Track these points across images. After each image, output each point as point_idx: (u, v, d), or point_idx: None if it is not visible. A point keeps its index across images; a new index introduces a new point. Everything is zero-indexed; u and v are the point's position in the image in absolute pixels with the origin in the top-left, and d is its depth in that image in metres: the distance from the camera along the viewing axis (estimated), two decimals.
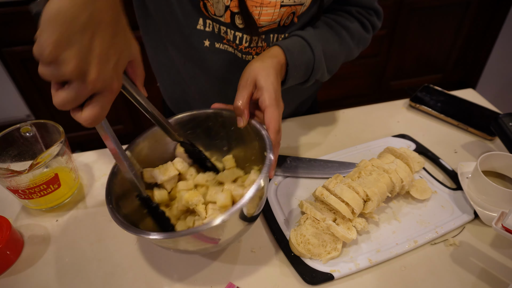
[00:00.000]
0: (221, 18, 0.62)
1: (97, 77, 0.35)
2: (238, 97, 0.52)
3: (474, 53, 2.20)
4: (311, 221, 0.57)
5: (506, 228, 0.49)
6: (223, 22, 0.62)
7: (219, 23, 0.63)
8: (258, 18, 0.61)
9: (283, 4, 0.60)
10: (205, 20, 0.63)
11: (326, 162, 0.71)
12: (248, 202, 0.43)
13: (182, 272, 0.54)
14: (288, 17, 0.63)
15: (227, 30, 0.63)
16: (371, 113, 0.86)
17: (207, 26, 0.64)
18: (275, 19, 0.62)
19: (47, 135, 0.64)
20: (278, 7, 0.60)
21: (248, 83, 0.53)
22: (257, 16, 0.61)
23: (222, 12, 0.61)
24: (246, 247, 0.58)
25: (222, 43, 0.66)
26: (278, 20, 0.63)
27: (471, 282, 0.52)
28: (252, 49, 0.66)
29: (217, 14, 0.61)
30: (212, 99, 0.75)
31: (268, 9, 0.60)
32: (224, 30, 0.64)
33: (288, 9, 0.61)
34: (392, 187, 0.61)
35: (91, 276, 0.54)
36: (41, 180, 0.59)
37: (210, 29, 0.64)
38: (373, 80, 2.16)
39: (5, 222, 0.57)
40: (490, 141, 0.78)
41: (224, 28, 0.63)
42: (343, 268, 0.53)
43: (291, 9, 0.62)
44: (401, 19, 1.89)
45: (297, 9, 0.62)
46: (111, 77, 0.37)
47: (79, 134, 1.85)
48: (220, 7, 0.60)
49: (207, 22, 0.63)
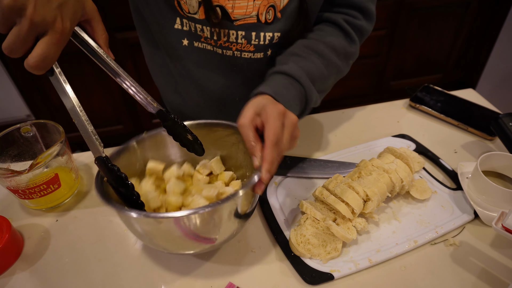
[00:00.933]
0: (195, 16, 0.61)
1: (34, 11, 0.36)
2: (247, 138, 0.49)
3: (474, 53, 2.20)
4: (311, 221, 0.57)
5: (506, 228, 0.49)
6: (198, 20, 0.62)
7: (194, 21, 0.62)
8: (232, 11, 0.60)
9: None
10: (182, 19, 0.63)
11: (326, 162, 0.71)
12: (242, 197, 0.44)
13: (182, 272, 0.54)
14: (268, 11, 0.61)
15: (203, 27, 0.63)
16: (371, 113, 0.86)
17: (184, 25, 0.63)
18: (250, 12, 0.60)
19: (47, 135, 0.64)
20: (251, 0, 0.59)
21: (251, 123, 0.49)
22: (231, 10, 0.60)
23: (196, 9, 0.60)
24: (246, 247, 0.58)
25: (200, 41, 0.65)
26: (255, 14, 0.61)
27: (471, 282, 0.52)
28: (232, 45, 0.64)
29: (191, 11, 0.61)
30: (198, 100, 0.75)
31: (241, 2, 0.59)
32: (200, 28, 0.63)
33: (264, 1, 0.59)
34: (392, 187, 0.61)
35: (91, 276, 0.54)
36: (41, 180, 0.59)
37: (187, 28, 0.64)
38: (373, 80, 2.16)
39: (5, 222, 0.57)
40: (490, 141, 0.78)
41: (200, 26, 0.62)
42: (343, 268, 0.53)
43: (267, 2, 0.60)
44: (401, 19, 1.89)
45: (275, 2, 0.60)
46: (53, 15, 0.37)
47: (79, 134, 1.85)
48: (194, 3, 0.60)
49: (183, 21, 0.63)
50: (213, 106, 0.76)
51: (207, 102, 0.75)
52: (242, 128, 0.49)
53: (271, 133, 0.47)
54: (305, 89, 0.59)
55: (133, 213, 0.42)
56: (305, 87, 0.59)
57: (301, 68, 0.59)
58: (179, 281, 0.53)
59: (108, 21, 1.53)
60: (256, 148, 0.48)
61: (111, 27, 1.54)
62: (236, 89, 0.72)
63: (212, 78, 0.71)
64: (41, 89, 1.68)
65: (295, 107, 0.57)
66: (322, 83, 0.64)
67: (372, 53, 2.00)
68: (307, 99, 0.60)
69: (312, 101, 0.61)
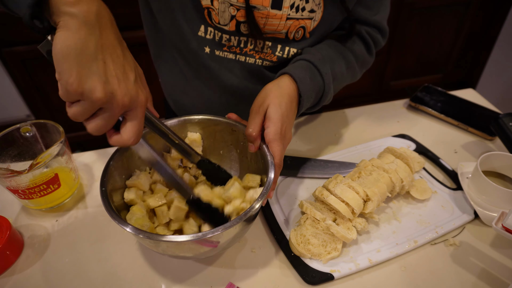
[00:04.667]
0: (225, 27, 0.62)
1: (124, 94, 0.37)
2: (251, 125, 0.53)
3: (474, 53, 2.20)
4: (311, 221, 0.57)
5: (506, 228, 0.49)
6: (226, 30, 0.63)
7: (221, 31, 0.63)
8: (263, 27, 0.61)
9: (289, 17, 0.61)
10: (206, 27, 0.63)
11: (326, 162, 0.71)
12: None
13: (182, 272, 0.54)
14: (298, 31, 0.63)
15: (231, 37, 0.64)
16: (371, 113, 0.86)
17: (208, 34, 0.64)
18: (280, 30, 0.62)
19: (47, 135, 0.64)
20: (284, 20, 0.61)
21: (261, 110, 0.53)
22: (262, 26, 0.61)
23: (227, 21, 0.61)
24: (246, 247, 0.57)
25: (222, 50, 0.66)
26: (285, 32, 0.63)
27: (471, 282, 0.52)
28: (257, 53, 0.66)
29: (222, 23, 0.61)
30: (214, 104, 0.75)
31: (274, 20, 0.61)
32: (226, 37, 0.64)
33: (295, 22, 0.62)
34: (392, 187, 0.61)
35: (91, 276, 0.54)
36: (41, 180, 0.59)
37: (211, 36, 0.64)
38: (373, 80, 2.16)
39: (5, 222, 0.57)
40: (490, 141, 0.78)
41: (227, 36, 0.64)
42: (343, 268, 0.53)
43: (298, 23, 0.62)
44: (401, 19, 1.89)
45: (306, 23, 0.63)
46: (136, 91, 0.39)
47: (79, 134, 1.85)
48: (226, 16, 0.60)
49: (208, 29, 0.63)
50: (223, 107, 0.76)
51: (217, 103, 0.75)
52: (250, 137, 0.53)
53: (277, 158, 0.51)
54: (325, 86, 0.61)
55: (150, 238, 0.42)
56: (326, 84, 0.61)
57: (328, 65, 0.62)
58: (179, 281, 0.53)
59: None
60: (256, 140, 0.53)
61: None
62: (250, 90, 0.72)
63: (226, 81, 0.70)
64: (41, 89, 1.67)
65: (310, 99, 0.59)
66: (339, 83, 0.66)
67: None
68: (322, 95, 0.62)
69: (327, 98, 0.63)
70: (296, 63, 0.61)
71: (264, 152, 0.53)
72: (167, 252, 0.47)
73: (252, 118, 0.53)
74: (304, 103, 0.58)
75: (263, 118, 0.53)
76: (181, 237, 0.42)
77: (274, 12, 0.59)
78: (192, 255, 0.49)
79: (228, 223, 0.43)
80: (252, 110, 0.54)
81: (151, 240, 0.43)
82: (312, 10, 0.61)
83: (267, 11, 0.59)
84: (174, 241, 0.42)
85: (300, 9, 0.60)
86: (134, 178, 0.55)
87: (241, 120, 0.58)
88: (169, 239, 0.42)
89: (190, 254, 0.48)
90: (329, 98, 0.64)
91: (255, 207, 0.45)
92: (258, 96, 0.55)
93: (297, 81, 0.56)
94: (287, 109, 0.54)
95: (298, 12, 0.60)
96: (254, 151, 0.54)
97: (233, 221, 0.43)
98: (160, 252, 0.48)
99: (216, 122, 0.59)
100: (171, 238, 0.42)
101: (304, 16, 0.61)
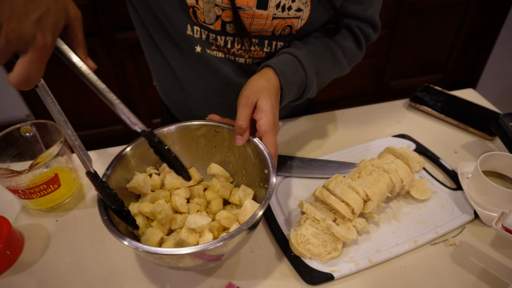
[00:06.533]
0: (211, 26, 0.62)
1: (12, 29, 0.34)
2: (240, 117, 0.52)
3: (474, 53, 2.20)
4: (311, 221, 0.57)
5: (506, 228, 0.49)
6: (212, 30, 0.63)
7: (208, 30, 0.63)
8: (249, 26, 0.61)
9: (275, 17, 0.61)
10: (193, 26, 0.63)
11: (326, 162, 0.71)
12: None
13: (182, 272, 0.54)
14: (284, 29, 0.63)
15: (217, 36, 0.64)
16: (371, 113, 0.86)
17: (195, 33, 0.64)
18: (266, 29, 0.62)
19: (47, 135, 0.64)
20: (270, 19, 0.61)
21: (249, 102, 0.53)
22: (248, 25, 0.61)
23: (212, 21, 0.61)
24: (246, 247, 0.57)
25: (211, 49, 0.66)
26: (271, 30, 0.63)
27: (471, 282, 0.52)
28: (245, 52, 0.66)
29: (207, 22, 0.61)
30: (211, 101, 0.75)
31: (260, 20, 0.61)
32: (213, 36, 0.64)
33: (282, 21, 0.62)
34: (392, 187, 0.61)
35: (91, 276, 0.54)
36: (41, 180, 0.59)
37: (198, 35, 0.64)
38: (373, 80, 2.16)
39: (5, 222, 0.57)
40: (490, 141, 0.78)
41: (213, 35, 0.64)
42: (343, 268, 0.53)
43: (285, 22, 0.62)
44: (401, 19, 1.89)
45: (293, 22, 0.63)
46: (31, 31, 0.35)
47: (79, 134, 1.83)
48: (211, 16, 0.60)
49: (195, 28, 0.63)
50: (219, 105, 0.76)
51: (212, 99, 0.75)
52: (239, 129, 0.53)
53: (272, 148, 0.52)
54: (307, 79, 0.62)
55: (153, 249, 0.41)
56: (308, 78, 0.61)
57: (312, 59, 0.62)
58: (178, 281, 0.53)
59: (108, 21, 1.53)
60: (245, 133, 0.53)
61: (111, 27, 1.55)
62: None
63: (224, 83, 0.71)
64: None
65: (292, 92, 0.60)
66: (325, 77, 0.67)
67: (372, 53, 2.00)
68: (305, 89, 0.63)
69: (309, 92, 0.64)
70: (280, 56, 0.61)
71: (258, 146, 0.53)
72: (169, 265, 0.47)
73: (241, 111, 0.53)
74: (285, 96, 0.59)
75: (252, 111, 0.53)
76: (182, 250, 0.40)
77: (260, 12, 0.59)
78: (193, 265, 0.49)
79: (230, 233, 0.42)
80: (239, 103, 0.54)
81: (148, 253, 0.41)
82: (299, 9, 0.61)
83: (252, 11, 0.59)
84: (174, 254, 0.40)
85: (287, 8, 0.60)
86: (133, 181, 0.55)
87: (223, 119, 0.58)
88: (169, 252, 0.40)
89: (192, 265, 0.48)
90: (312, 91, 0.65)
91: (258, 214, 0.45)
92: (245, 89, 0.55)
93: (279, 74, 0.57)
94: (276, 101, 0.55)
95: (284, 11, 0.60)
96: (242, 144, 0.54)
97: (236, 230, 0.42)
98: (160, 264, 0.47)
99: (196, 127, 0.58)
100: (171, 251, 0.40)
101: (291, 15, 0.61)
